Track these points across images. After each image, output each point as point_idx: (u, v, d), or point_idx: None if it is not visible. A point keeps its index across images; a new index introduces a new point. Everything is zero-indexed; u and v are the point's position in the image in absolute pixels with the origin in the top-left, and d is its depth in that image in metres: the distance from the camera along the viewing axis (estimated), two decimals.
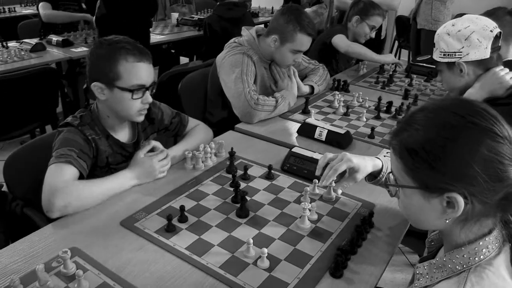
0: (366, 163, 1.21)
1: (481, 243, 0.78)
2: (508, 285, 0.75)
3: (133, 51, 1.33)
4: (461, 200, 0.74)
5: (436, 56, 1.72)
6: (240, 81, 1.95)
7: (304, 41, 2.04)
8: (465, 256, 0.78)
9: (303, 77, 2.37)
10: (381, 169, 1.25)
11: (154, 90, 1.44)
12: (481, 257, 0.77)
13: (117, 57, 1.32)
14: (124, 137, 1.51)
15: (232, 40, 2.14)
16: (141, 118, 1.45)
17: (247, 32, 2.12)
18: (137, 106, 1.40)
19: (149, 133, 1.61)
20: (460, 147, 0.72)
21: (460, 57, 1.64)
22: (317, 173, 1.24)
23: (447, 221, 0.78)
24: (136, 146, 1.53)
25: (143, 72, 1.35)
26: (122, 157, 1.49)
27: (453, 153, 0.72)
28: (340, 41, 2.77)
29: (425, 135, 0.76)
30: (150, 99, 1.41)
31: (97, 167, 1.43)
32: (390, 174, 0.88)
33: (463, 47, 1.62)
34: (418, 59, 1.87)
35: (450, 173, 0.73)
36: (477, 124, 0.73)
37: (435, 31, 1.75)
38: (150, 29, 3.68)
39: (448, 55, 1.66)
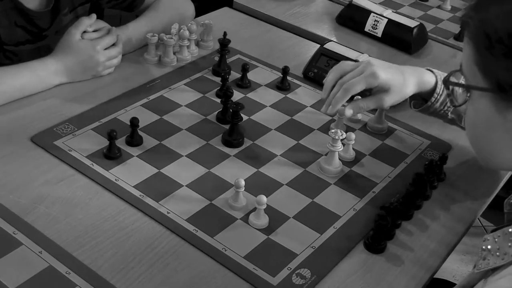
0: (404, 81, 1.21)
1: None
2: None
3: None
4: None
5: None
6: None
7: None
8: None
9: None
10: (435, 89, 1.25)
11: None
12: None
13: None
14: (32, 1, 1.47)
15: None
16: None
17: None
18: None
19: (78, 3, 1.58)
20: None
21: None
22: (323, 95, 1.24)
23: None
24: (53, 18, 1.51)
25: None
26: (26, 34, 1.47)
27: None
28: None
29: None
30: None
31: None
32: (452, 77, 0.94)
33: None
34: None
35: None
36: None
37: None
38: None
39: None
